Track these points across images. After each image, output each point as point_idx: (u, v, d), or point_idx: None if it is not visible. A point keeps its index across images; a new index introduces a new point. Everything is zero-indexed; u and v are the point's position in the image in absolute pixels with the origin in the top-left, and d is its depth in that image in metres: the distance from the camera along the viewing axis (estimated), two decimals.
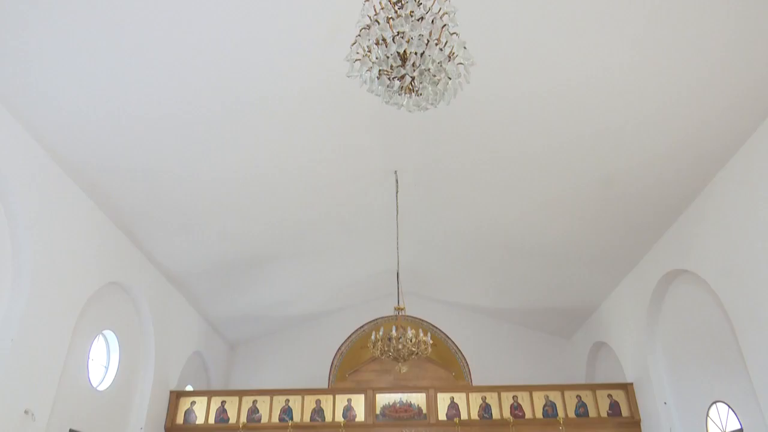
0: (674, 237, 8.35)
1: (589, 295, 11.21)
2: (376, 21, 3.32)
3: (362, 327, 13.60)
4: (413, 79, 3.35)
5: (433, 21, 3.27)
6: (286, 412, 10.17)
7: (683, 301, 8.78)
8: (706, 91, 5.95)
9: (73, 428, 7.64)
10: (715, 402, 8.08)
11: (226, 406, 10.26)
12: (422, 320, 13.27)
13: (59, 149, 6.63)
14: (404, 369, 8.01)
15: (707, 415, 8.26)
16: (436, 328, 13.42)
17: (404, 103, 3.50)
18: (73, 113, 6.13)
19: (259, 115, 6.58)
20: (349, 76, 3.48)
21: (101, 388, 8.44)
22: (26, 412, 6.33)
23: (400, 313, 8.17)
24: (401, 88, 3.40)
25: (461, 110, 6.52)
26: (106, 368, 8.74)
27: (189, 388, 11.47)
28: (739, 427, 7.51)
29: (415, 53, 3.26)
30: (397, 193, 8.44)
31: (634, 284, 9.85)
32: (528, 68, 5.93)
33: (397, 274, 9.56)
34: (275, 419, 10.10)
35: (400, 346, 7.54)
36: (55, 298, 6.89)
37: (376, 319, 13.38)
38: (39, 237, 6.57)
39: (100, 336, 8.57)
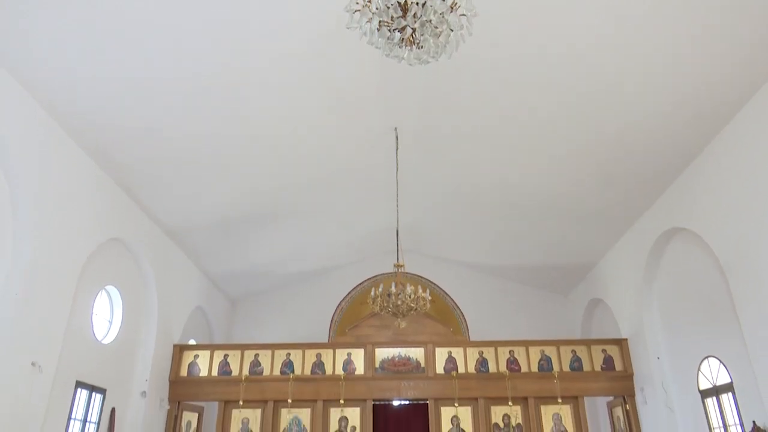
0: (674, 195, 8.35)
1: (587, 252, 11.30)
2: None
3: (362, 283, 13.75)
4: (414, 30, 3.27)
5: None
6: (288, 365, 10.41)
7: (680, 259, 8.86)
8: (710, 48, 5.83)
9: (80, 380, 7.83)
10: (706, 357, 8.27)
11: (228, 360, 10.48)
12: (421, 277, 13.40)
13: (57, 106, 6.54)
14: (403, 324, 8.14)
15: (699, 369, 8.46)
16: (435, 284, 13.58)
17: (405, 56, 3.43)
18: (70, 69, 6.02)
19: (258, 71, 6.47)
20: (348, 28, 3.40)
21: (106, 341, 8.61)
22: (33, 364, 6.48)
23: (399, 270, 8.25)
24: (402, 40, 3.33)
25: (463, 65, 6.41)
26: (110, 322, 8.88)
27: (192, 342, 11.70)
28: (729, 380, 7.70)
29: (417, 3, 3.18)
30: (397, 150, 8.38)
31: (633, 242, 9.91)
32: (531, 25, 5.79)
33: (397, 231, 9.59)
34: (277, 372, 10.35)
35: (399, 302, 7.63)
36: (57, 255, 6.94)
37: (376, 276, 13.52)
38: (38, 194, 6.57)
39: (103, 291, 8.68)
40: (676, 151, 7.60)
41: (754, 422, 6.95)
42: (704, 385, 8.38)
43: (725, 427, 7.90)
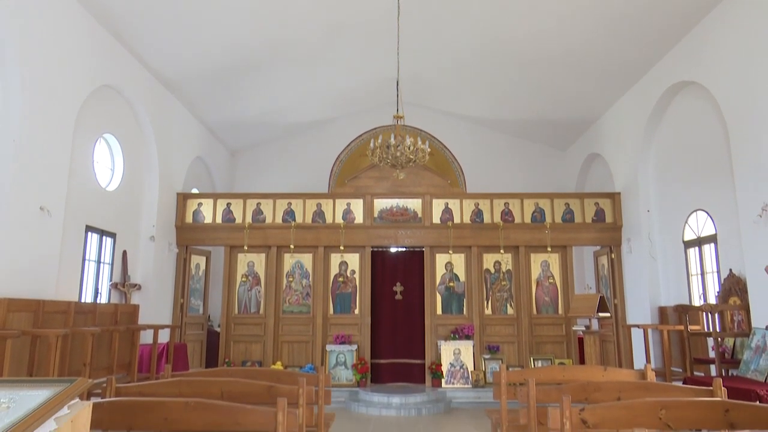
0: (685, 49, 8.01)
1: (590, 107, 11.10)
2: None
3: (361, 135, 13.62)
4: None
5: None
6: (289, 213, 10.75)
7: (683, 115, 8.75)
8: None
9: (89, 224, 8.14)
10: (695, 210, 8.53)
11: (231, 208, 10.80)
12: (421, 130, 13.26)
13: None
14: (402, 176, 8.25)
15: (686, 221, 8.77)
16: (434, 137, 13.47)
17: None
18: None
19: None
20: None
21: (110, 189, 8.79)
22: (42, 208, 6.68)
23: (398, 122, 8.15)
24: None
25: None
26: (112, 171, 8.99)
27: (195, 191, 11.95)
28: (713, 232, 8.03)
29: None
30: None
31: (638, 96, 9.70)
32: None
33: (397, 82, 9.30)
34: (279, 220, 10.72)
35: (398, 154, 7.65)
36: (50, 100, 6.82)
37: (375, 128, 13.37)
38: (24, 41, 6.29)
39: (102, 140, 8.66)
40: (688, 4, 7.11)
41: (730, 269, 7.39)
42: (689, 236, 8.75)
43: (703, 273, 8.41)
